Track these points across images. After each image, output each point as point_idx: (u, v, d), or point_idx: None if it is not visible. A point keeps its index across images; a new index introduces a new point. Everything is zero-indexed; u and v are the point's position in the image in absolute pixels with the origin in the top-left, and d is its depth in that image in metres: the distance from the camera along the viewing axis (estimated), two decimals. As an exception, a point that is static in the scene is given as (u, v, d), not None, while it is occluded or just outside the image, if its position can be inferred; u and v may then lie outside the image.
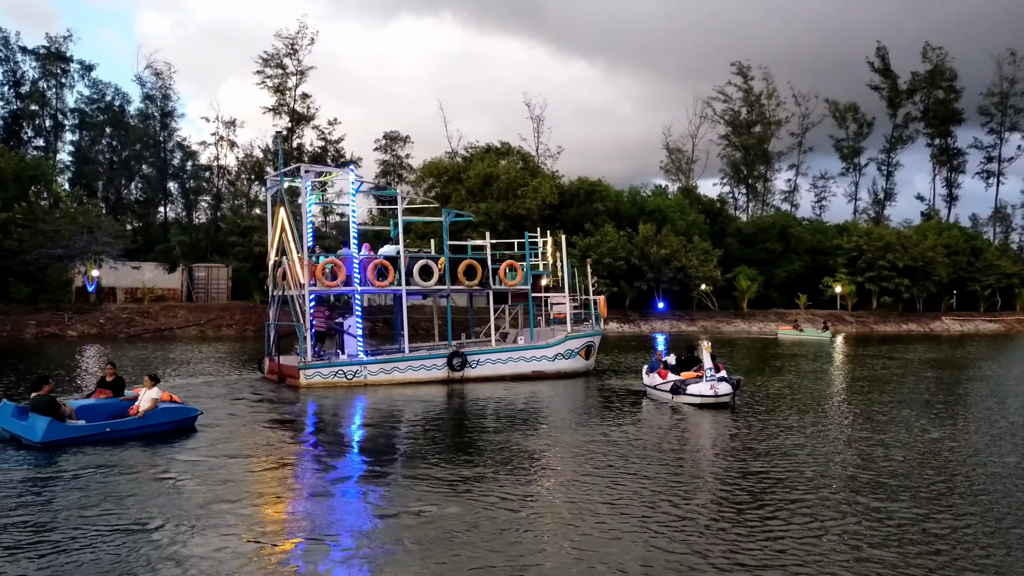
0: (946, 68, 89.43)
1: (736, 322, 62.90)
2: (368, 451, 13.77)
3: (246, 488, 10.74)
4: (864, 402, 19.59)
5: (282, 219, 22.85)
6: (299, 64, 66.94)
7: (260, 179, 68.60)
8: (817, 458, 12.46)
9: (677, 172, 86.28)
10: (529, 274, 25.32)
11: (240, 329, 49.47)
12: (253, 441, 14.32)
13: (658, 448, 13.41)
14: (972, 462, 12.56)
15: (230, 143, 67.53)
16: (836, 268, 70.80)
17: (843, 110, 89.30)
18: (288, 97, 67.11)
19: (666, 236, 62.65)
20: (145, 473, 11.54)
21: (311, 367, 21.78)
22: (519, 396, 20.58)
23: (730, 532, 8.68)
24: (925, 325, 67.84)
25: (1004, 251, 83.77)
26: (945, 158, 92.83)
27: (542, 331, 26.17)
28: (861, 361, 33.63)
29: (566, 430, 15.44)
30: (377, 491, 10.73)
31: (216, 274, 56.98)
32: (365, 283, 22.65)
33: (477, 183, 61.61)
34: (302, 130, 68.12)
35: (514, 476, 11.31)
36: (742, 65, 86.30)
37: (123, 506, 9.71)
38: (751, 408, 18.10)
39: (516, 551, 8.14)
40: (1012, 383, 25.46)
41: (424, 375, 23.06)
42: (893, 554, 8.00)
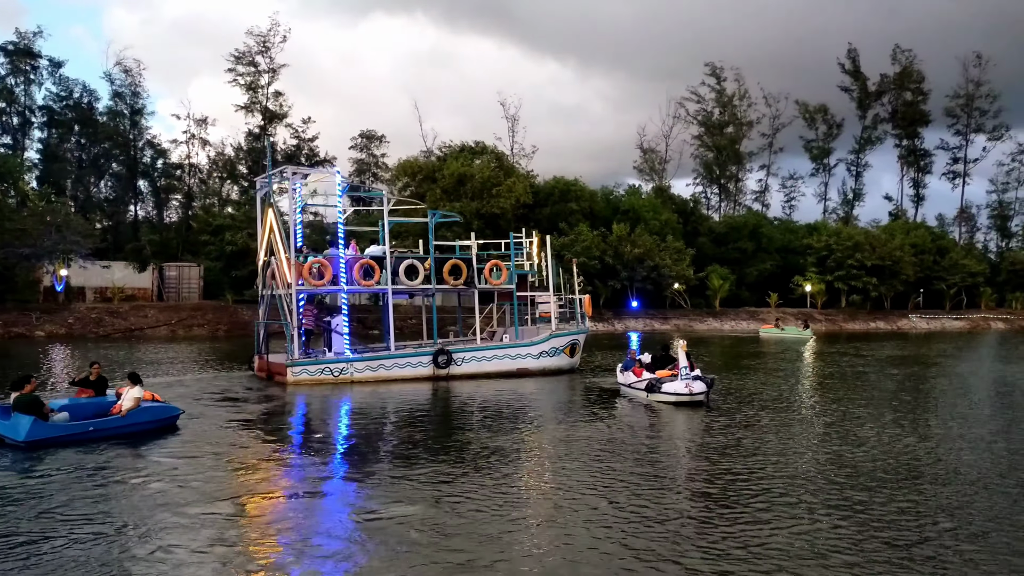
0: (914, 70, 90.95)
1: (709, 321, 63.52)
2: (349, 449, 13.84)
3: (222, 488, 10.72)
4: (834, 400, 19.91)
5: (270, 220, 23.35)
6: (271, 62, 66.58)
7: (232, 177, 68.14)
8: (789, 456, 12.68)
9: (651, 172, 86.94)
10: (514, 273, 25.66)
11: (212, 329, 49.11)
12: (235, 440, 14.36)
13: (635, 446, 13.57)
14: (938, 458, 12.86)
15: (202, 141, 66.98)
16: (806, 267, 71.75)
17: (813, 111, 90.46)
18: (260, 95, 66.68)
19: (640, 235, 63.11)
20: (123, 473, 11.53)
21: (298, 364, 22.20)
22: (502, 394, 20.83)
23: (706, 531, 8.81)
24: (893, 323, 68.96)
25: (969, 251, 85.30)
26: (912, 159, 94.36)
27: (527, 329, 26.56)
28: (831, 359, 34.15)
29: (545, 428, 15.57)
30: (354, 491, 10.77)
31: (187, 273, 56.50)
32: (351, 282, 23.03)
33: (451, 182, 61.64)
34: (275, 128, 67.71)
35: (493, 475, 11.41)
36: (715, 66, 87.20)
37: (95, 507, 9.69)
38: (725, 406, 18.31)
39: (496, 550, 8.21)
40: (977, 380, 26.04)
41: (410, 372, 23.47)
42: (861, 549, 8.19)
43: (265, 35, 65.95)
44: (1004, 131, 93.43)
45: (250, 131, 67.01)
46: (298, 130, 67.66)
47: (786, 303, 71.25)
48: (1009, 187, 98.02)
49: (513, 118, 78.52)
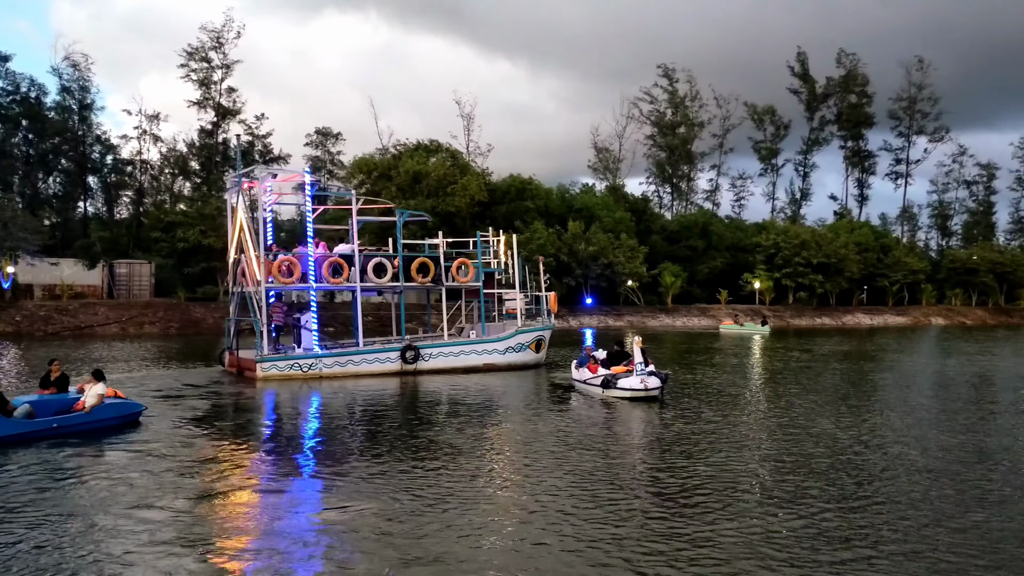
0: (859, 74, 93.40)
1: (661, 317, 64.64)
2: (312, 445, 14.00)
3: (179, 486, 10.73)
4: (782, 393, 20.58)
5: (240, 218, 23.76)
6: (225, 58, 65.86)
7: (185, 174, 67.26)
8: (740, 450, 13.09)
9: (605, 171, 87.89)
10: (481, 271, 26.39)
11: (163, 327, 48.55)
12: (198, 436, 14.50)
13: (592, 442, 13.88)
14: (881, 449, 13.55)
15: (154, 137, 65.99)
16: (755, 265, 73.35)
17: (761, 113, 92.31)
18: (214, 91, 65.95)
19: (594, 233, 63.97)
20: (85, 471, 11.60)
21: (267, 360, 22.66)
22: (467, 389, 21.27)
23: (661, 527, 9.01)
24: (838, 319, 70.91)
25: (911, 249, 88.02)
26: (857, 160, 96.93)
27: (494, 326, 27.30)
28: (780, 354, 35.20)
29: (506, 425, 15.86)
30: (315, 487, 10.89)
31: (138, 271, 55.72)
32: (320, 280, 23.51)
33: (407, 180, 61.75)
34: (228, 125, 67.03)
35: (455, 472, 11.60)
36: (667, 67, 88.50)
37: (54, 506, 9.73)
38: (679, 401, 18.74)
39: (452, 547, 8.33)
40: (917, 374, 27.16)
41: (378, 368, 24.03)
42: (809, 543, 8.51)
43: (219, 31, 65.30)
44: (944, 133, 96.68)
45: (202, 127, 66.26)
46: (251, 127, 67.10)
47: (736, 300, 72.81)
48: (949, 187, 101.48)
49: (468, 116, 78.90)
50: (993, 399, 20.31)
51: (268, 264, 22.79)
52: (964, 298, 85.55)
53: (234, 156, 67.00)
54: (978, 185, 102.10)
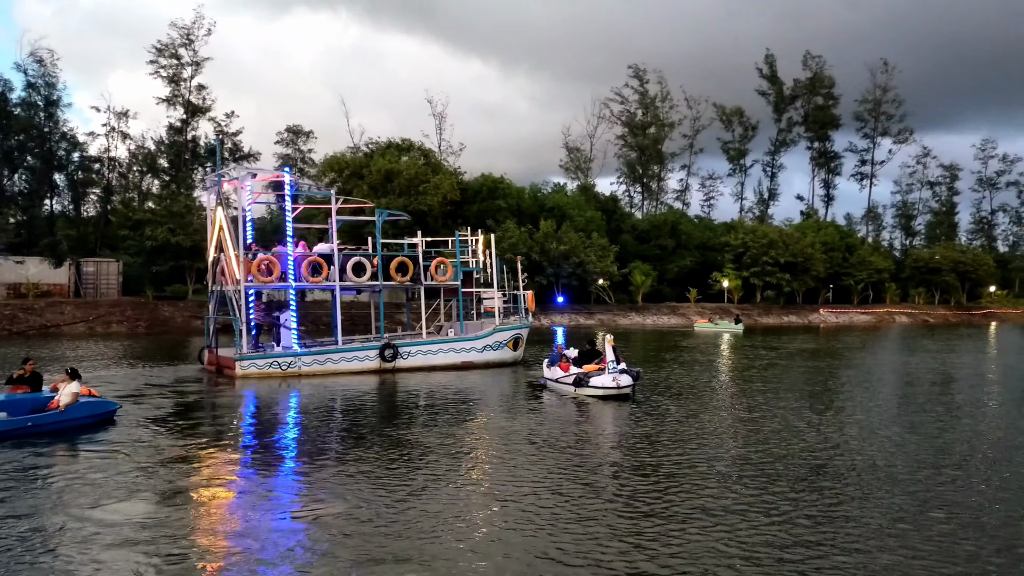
0: (825, 76, 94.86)
1: (631, 315, 65.20)
2: (286, 444, 14.03)
3: (148, 486, 10.71)
4: (750, 391, 20.93)
5: (220, 218, 23.94)
6: (195, 55, 65.26)
7: (153, 171, 66.56)
8: (709, 449, 13.28)
9: (576, 170, 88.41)
10: (460, 270, 26.71)
11: (131, 326, 48.07)
12: (173, 434, 14.50)
13: (566, 440, 14.01)
14: (846, 448, 13.90)
15: (122, 134, 65.18)
16: (724, 264, 74.24)
17: (730, 114, 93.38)
18: (183, 88, 65.34)
19: (565, 232, 64.36)
20: (58, 469, 11.59)
21: (247, 358, 22.84)
22: (444, 387, 21.43)
23: (630, 524, 9.15)
24: (804, 317, 72.01)
25: (876, 248, 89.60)
26: (823, 161, 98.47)
27: (472, 324, 27.64)
28: (748, 352, 35.74)
29: (481, 423, 15.99)
30: (285, 486, 10.91)
31: (106, 269, 55.06)
32: (300, 279, 23.74)
33: (379, 179, 61.66)
34: (197, 122, 66.44)
35: (428, 470, 11.68)
36: (638, 68, 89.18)
37: (25, 503, 9.72)
38: (650, 399, 18.93)
39: (419, 546, 8.36)
40: (881, 372, 27.79)
41: (357, 366, 24.29)
42: (778, 540, 8.70)
43: (189, 28, 64.68)
44: (908, 135, 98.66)
45: (171, 124, 65.59)
46: (221, 124, 66.57)
47: (705, 298, 73.63)
48: (912, 188, 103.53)
49: (440, 115, 78.94)
50: (953, 397, 20.89)
51: (248, 263, 22.92)
52: (927, 297, 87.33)
53: (204, 154, 66.70)
54: (941, 186, 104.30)
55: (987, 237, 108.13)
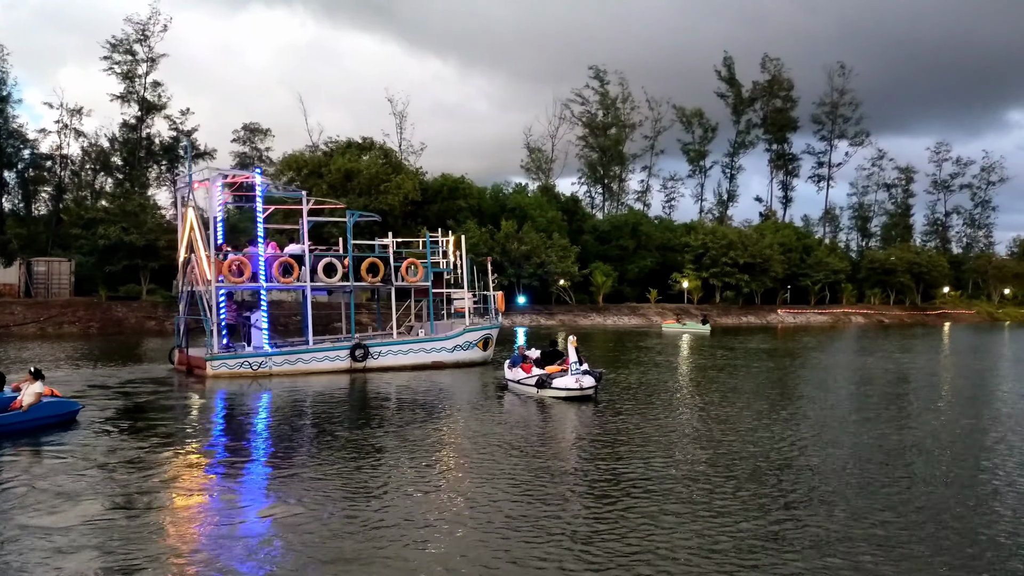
0: (784, 78, 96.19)
1: (592, 316, 65.40)
2: (249, 447, 13.86)
3: (104, 489, 10.52)
4: (711, 391, 21.03)
5: (190, 218, 23.93)
6: (150, 51, 64.05)
7: (107, 169, 65.23)
8: (670, 449, 13.25)
9: (537, 171, 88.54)
10: (430, 271, 27.00)
11: (84, 327, 47.05)
12: (135, 435, 14.29)
13: (530, 442, 13.95)
14: (800, 445, 14.06)
15: (75, 131, 63.77)
16: (684, 264, 74.83)
17: (690, 116, 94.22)
18: (138, 85, 64.10)
19: (527, 233, 64.37)
20: (13, 472, 11.33)
21: (218, 358, 22.95)
22: (412, 387, 21.47)
23: (588, 527, 9.11)
24: (763, 317, 72.87)
25: (832, 249, 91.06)
26: (781, 163, 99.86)
27: (442, 324, 27.90)
28: (708, 352, 36.03)
29: (446, 424, 15.89)
30: (248, 490, 10.78)
31: (57, 269, 53.75)
32: (271, 279, 23.91)
33: (338, 178, 61.04)
34: (152, 119, 65.21)
35: (383, 472, 11.60)
36: (599, 69, 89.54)
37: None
38: (612, 399, 18.90)
39: (376, 547, 8.30)
40: (837, 371, 28.18)
41: (328, 366, 24.45)
42: (738, 537, 8.78)
43: (144, 23, 63.46)
44: (865, 137, 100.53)
45: (125, 122, 64.32)
46: (177, 121, 65.46)
47: (665, 299, 74.15)
48: (868, 190, 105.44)
49: (401, 115, 78.48)
50: (907, 397, 21.21)
51: (219, 263, 23.03)
52: (882, 297, 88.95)
53: (160, 152, 65.54)
54: (897, 188, 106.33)
55: (941, 239, 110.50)
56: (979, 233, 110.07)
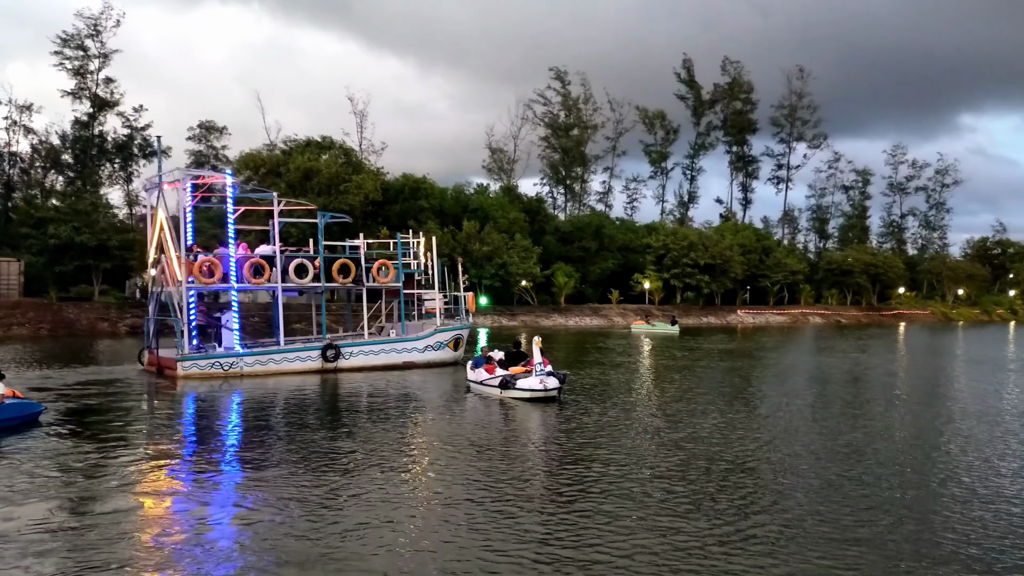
0: (743, 81, 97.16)
1: (554, 317, 65.35)
2: (213, 448, 13.62)
3: (59, 493, 10.31)
4: (673, 393, 20.98)
5: (160, 219, 24.04)
6: (103, 46, 62.56)
7: (57, 167, 63.58)
8: (632, 452, 13.08)
9: (499, 172, 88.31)
10: (401, 272, 27.32)
11: (34, 328, 45.74)
12: (97, 437, 14.10)
13: (490, 444, 13.79)
14: (759, 445, 14.07)
15: (24, 128, 62.03)
16: (645, 265, 75.16)
17: (652, 117, 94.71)
18: (90, 81, 62.58)
19: (488, 234, 64.10)
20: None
21: (188, 359, 23.00)
22: (381, 388, 21.47)
23: (557, 523, 9.10)
24: (723, 318, 73.47)
25: (791, 251, 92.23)
26: (741, 164, 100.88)
27: (413, 325, 28.20)
28: (669, 352, 36.12)
29: (412, 426, 15.72)
30: (203, 493, 10.53)
31: (6, 269, 52.18)
32: (242, 280, 24.05)
33: (297, 177, 60.17)
34: (105, 116, 63.69)
35: (347, 473, 11.44)
36: (560, 70, 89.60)
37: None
38: (576, 401, 18.75)
39: (335, 550, 8.22)
40: (794, 371, 28.43)
41: (299, 366, 24.57)
42: (699, 534, 8.80)
43: (96, 18, 61.96)
44: (822, 140, 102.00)
45: (77, 119, 62.73)
46: (130, 119, 64.05)
47: (627, 300, 74.40)
48: (826, 192, 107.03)
49: (361, 114, 77.71)
50: (863, 396, 21.36)
51: (189, 264, 23.09)
52: (840, 298, 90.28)
53: (113, 150, 64.03)
54: (854, 190, 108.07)
55: (897, 240, 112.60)
56: (934, 235, 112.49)
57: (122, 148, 64.45)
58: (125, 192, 65.79)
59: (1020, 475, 11.63)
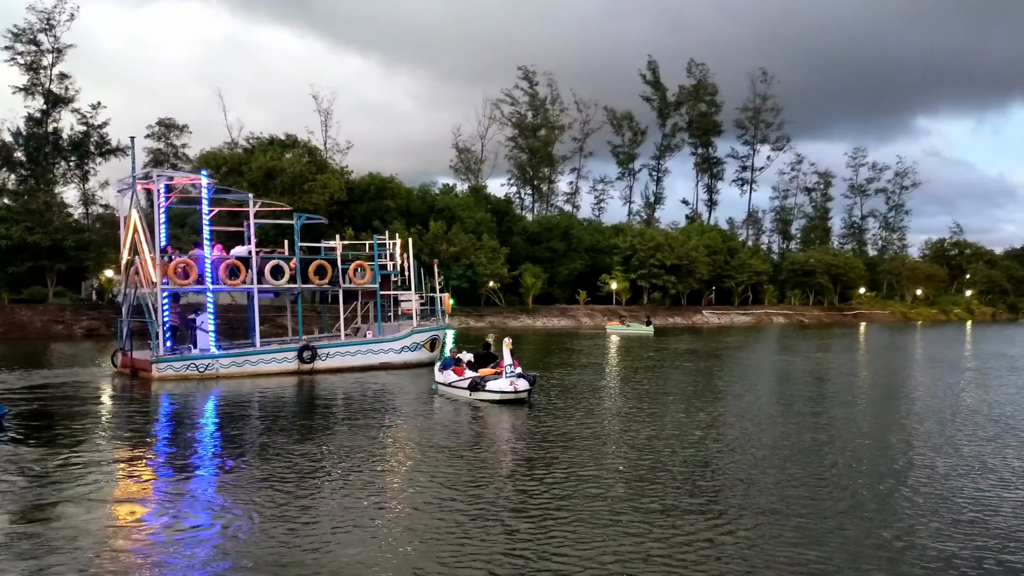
0: (708, 83, 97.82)
1: (522, 318, 65.08)
2: (179, 452, 13.28)
3: (25, 498, 10.04)
4: (639, 393, 20.80)
5: (134, 220, 23.85)
6: (56, 41, 60.82)
7: (9, 165, 61.66)
8: (600, 457, 12.76)
9: (467, 172, 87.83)
10: (377, 273, 27.43)
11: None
12: (60, 440, 13.82)
13: (462, 445, 13.53)
14: (723, 445, 13.91)
15: (-28, 125, 60.02)
16: (612, 266, 75.28)
17: (619, 118, 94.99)
18: (43, 76, 60.81)
19: (456, 234, 63.58)
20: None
21: (163, 361, 22.94)
22: (357, 389, 21.41)
23: (525, 526, 8.94)
24: (688, 318, 73.82)
25: (755, 252, 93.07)
26: (707, 166, 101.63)
27: (389, 326, 28.29)
28: (636, 352, 36.04)
29: (383, 428, 15.43)
30: (165, 499, 10.22)
31: (-45, 270, 50.60)
32: (217, 282, 23.99)
33: (260, 176, 59.08)
34: (59, 113, 61.94)
35: (314, 477, 11.24)
36: (528, 70, 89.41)
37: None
38: (547, 402, 18.44)
39: (306, 554, 8.05)
40: (758, 371, 28.45)
41: (275, 367, 24.55)
42: (668, 536, 8.68)
43: (50, 12, 60.22)
44: (786, 142, 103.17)
45: (30, 115, 60.92)
46: (86, 116, 62.39)
47: (594, 300, 74.40)
48: (789, 194, 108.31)
49: (326, 112, 76.72)
50: (825, 395, 21.33)
51: (164, 265, 23.03)
52: (802, 298, 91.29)
53: (68, 148, 62.28)
54: (816, 192, 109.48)
55: (858, 241, 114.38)
56: (893, 236, 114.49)
57: (78, 146, 62.71)
58: (81, 191, 64.08)
59: (969, 472, 11.64)
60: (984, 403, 19.09)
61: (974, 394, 21.07)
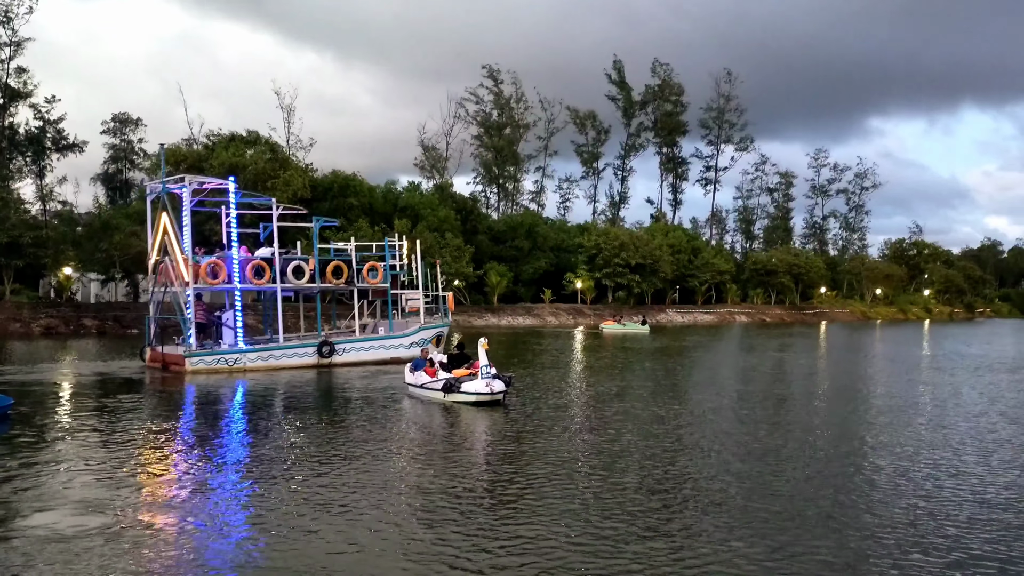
0: (673, 83, 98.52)
1: (487, 317, 65.08)
2: (182, 449, 13.27)
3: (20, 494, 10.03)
4: (608, 392, 20.88)
5: (164, 222, 25.31)
6: (14, 34, 59.50)
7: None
8: (573, 459, 12.66)
9: (432, 169, 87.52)
10: (388, 273, 29.02)
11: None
12: (63, 432, 14.09)
13: (435, 450, 13.44)
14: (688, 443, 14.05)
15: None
16: (577, 265, 75.58)
17: (583, 118, 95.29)
18: (0, 70, 59.45)
19: (420, 233, 63.27)
20: None
21: (196, 355, 24.52)
22: (371, 382, 22.44)
23: (501, 527, 8.95)
24: (653, 317, 74.21)
25: (719, 251, 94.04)
26: (671, 166, 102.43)
27: (398, 323, 29.91)
28: (602, 352, 36.29)
29: (360, 427, 15.35)
30: (174, 495, 10.22)
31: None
32: (244, 281, 25.57)
33: (221, 173, 58.29)
34: (16, 108, 60.57)
35: (319, 476, 11.26)
36: (492, 68, 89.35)
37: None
38: (520, 404, 18.35)
39: (281, 554, 8.04)
40: (722, 369, 28.83)
41: (297, 361, 26.35)
42: (636, 535, 8.79)
43: (7, 5, 58.88)
44: (749, 143, 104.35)
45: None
46: (43, 111, 61.10)
47: (559, 299, 74.63)
48: (752, 194, 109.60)
49: (289, 108, 75.95)
50: (786, 394, 21.68)
51: (196, 266, 24.53)
52: (765, 297, 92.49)
53: (25, 143, 60.96)
54: (778, 192, 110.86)
55: (819, 241, 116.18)
56: (853, 236, 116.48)
57: (34, 141, 61.40)
58: (38, 187, 62.74)
59: (931, 468, 11.87)
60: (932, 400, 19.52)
61: (931, 393, 21.59)
